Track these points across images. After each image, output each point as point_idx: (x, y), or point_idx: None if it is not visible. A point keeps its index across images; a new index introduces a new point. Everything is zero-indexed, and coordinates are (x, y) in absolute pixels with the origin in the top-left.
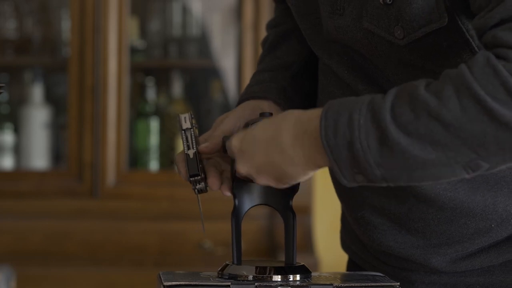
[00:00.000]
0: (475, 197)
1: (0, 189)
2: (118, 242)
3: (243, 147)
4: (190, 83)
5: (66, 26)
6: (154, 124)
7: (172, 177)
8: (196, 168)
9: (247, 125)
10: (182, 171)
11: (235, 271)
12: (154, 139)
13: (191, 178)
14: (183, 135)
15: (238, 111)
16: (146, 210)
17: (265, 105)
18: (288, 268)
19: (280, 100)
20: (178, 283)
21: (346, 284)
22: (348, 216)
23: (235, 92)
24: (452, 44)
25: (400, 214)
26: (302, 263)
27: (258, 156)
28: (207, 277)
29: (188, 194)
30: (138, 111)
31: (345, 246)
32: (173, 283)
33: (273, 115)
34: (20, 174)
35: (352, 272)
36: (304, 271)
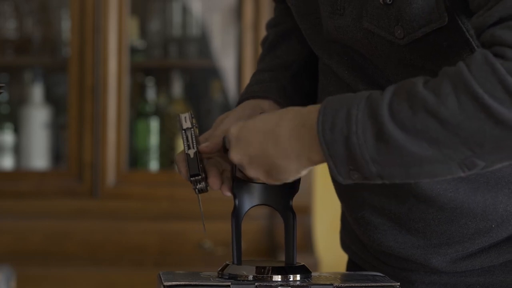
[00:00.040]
0: (475, 197)
1: (0, 189)
2: (118, 242)
3: (240, 134)
4: (190, 83)
5: (66, 26)
6: (154, 124)
7: (172, 177)
8: (196, 167)
9: None
10: (182, 171)
11: (235, 271)
12: (154, 139)
13: (191, 178)
14: (183, 134)
15: (238, 110)
16: (146, 210)
17: (265, 104)
18: (288, 268)
19: (280, 100)
20: (178, 283)
21: (346, 284)
22: (348, 216)
23: (235, 92)
24: (452, 44)
25: (401, 214)
26: (302, 263)
27: (253, 146)
28: (207, 277)
29: (188, 194)
30: (138, 111)
31: (345, 246)
32: (173, 283)
33: None
34: (20, 174)
35: (352, 272)
36: (304, 271)
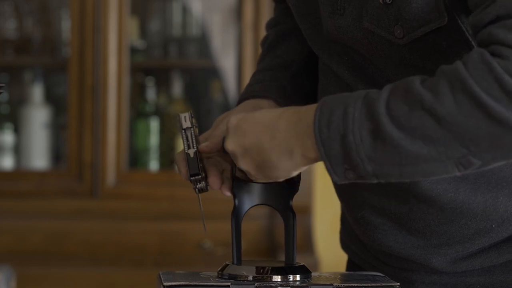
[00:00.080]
0: (476, 197)
1: (0, 189)
2: (118, 242)
3: (239, 124)
4: (190, 83)
5: (66, 26)
6: (154, 124)
7: (172, 177)
8: (196, 167)
9: None
10: (182, 171)
11: (235, 271)
12: (154, 139)
13: (191, 177)
14: (183, 134)
15: (238, 110)
16: (146, 210)
17: (265, 104)
18: (288, 268)
19: (280, 99)
20: (178, 283)
21: (346, 284)
22: (348, 216)
23: (235, 92)
24: (452, 44)
25: (401, 214)
26: (302, 263)
27: (249, 137)
28: (207, 277)
29: (188, 194)
30: (138, 111)
31: (344, 246)
32: (173, 283)
33: None
34: (20, 174)
35: (352, 272)
36: (304, 271)
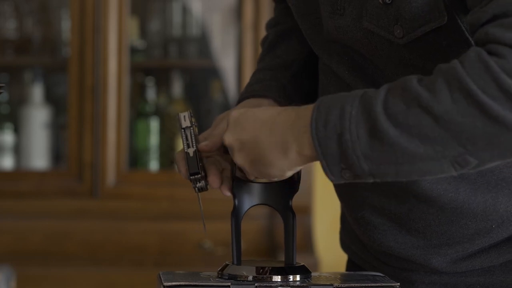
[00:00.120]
0: (475, 198)
1: (0, 189)
2: (118, 242)
3: (239, 118)
4: (190, 83)
5: (66, 26)
6: (154, 124)
7: (172, 177)
8: (196, 166)
9: None
10: (182, 170)
11: (235, 271)
12: (154, 139)
13: (191, 177)
14: (182, 133)
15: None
16: (146, 210)
17: (265, 103)
18: (288, 268)
19: (280, 99)
20: (178, 283)
21: (346, 284)
22: (348, 216)
23: (235, 92)
24: (451, 43)
25: (401, 214)
26: (302, 263)
27: (247, 131)
28: (207, 277)
29: (188, 194)
30: (138, 111)
31: (344, 246)
32: (173, 283)
33: None
34: (20, 174)
35: (352, 272)
36: (304, 271)
